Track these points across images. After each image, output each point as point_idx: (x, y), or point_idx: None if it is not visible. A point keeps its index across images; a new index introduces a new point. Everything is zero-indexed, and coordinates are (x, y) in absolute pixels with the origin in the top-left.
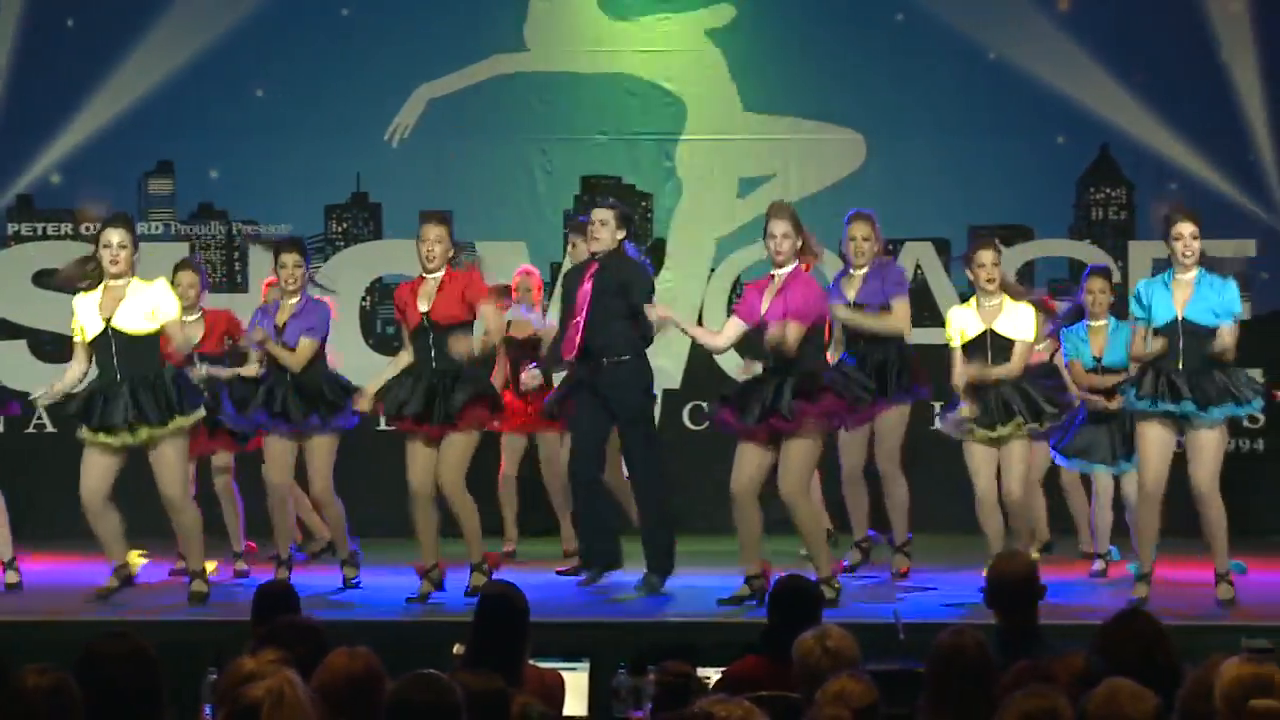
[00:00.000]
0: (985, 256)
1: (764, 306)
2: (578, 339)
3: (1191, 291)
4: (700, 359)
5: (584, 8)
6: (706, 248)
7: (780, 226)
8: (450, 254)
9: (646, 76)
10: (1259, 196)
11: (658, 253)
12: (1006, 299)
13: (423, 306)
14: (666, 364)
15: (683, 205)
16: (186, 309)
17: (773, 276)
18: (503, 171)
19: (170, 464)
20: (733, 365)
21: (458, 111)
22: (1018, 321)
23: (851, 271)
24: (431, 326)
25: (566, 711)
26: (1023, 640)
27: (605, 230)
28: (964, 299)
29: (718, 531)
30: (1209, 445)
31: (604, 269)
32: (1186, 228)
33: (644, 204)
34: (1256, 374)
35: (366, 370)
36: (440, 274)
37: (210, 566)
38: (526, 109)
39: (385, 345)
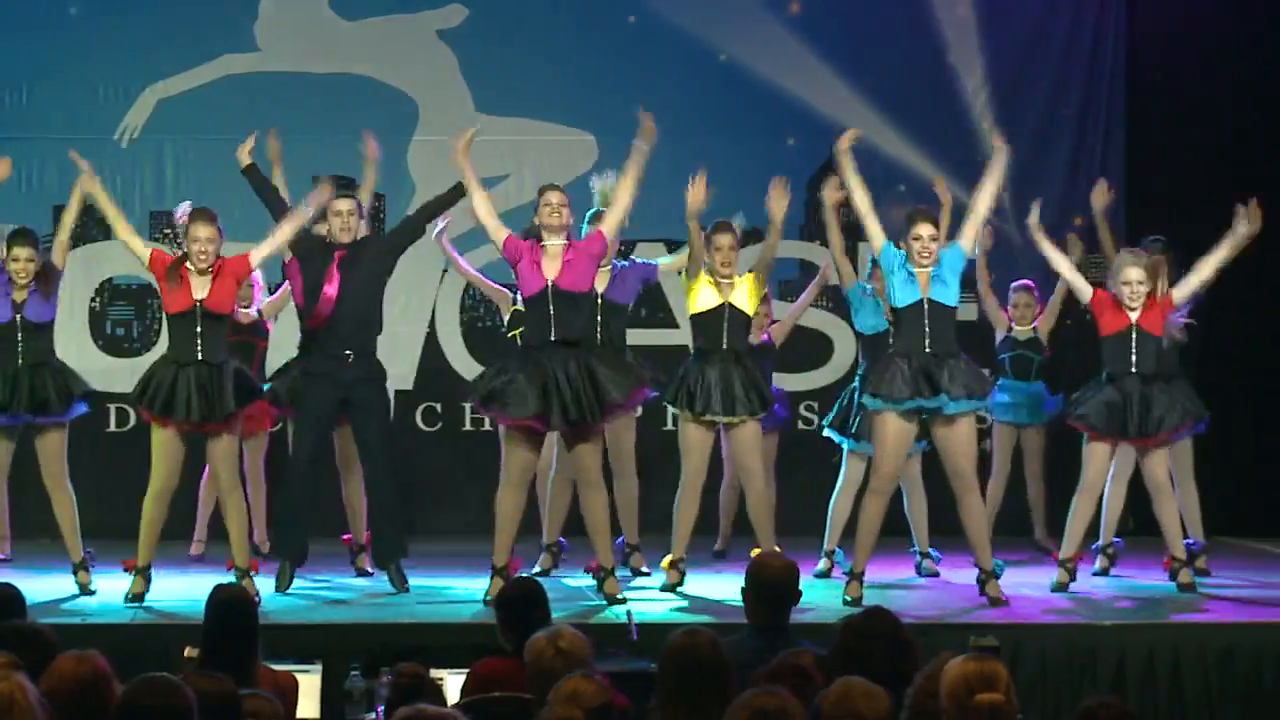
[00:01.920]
0: (723, 240)
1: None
2: (324, 327)
3: (930, 276)
4: (433, 360)
5: (315, 8)
6: (439, 248)
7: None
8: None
9: (378, 77)
10: None
11: None
12: (736, 275)
13: (199, 293)
14: (399, 366)
15: (415, 205)
16: None
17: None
18: (234, 171)
19: None
20: (465, 365)
21: (188, 111)
22: (750, 294)
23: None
24: (202, 314)
25: (299, 714)
26: (774, 640)
27: (354, 220)
28: None
29: (449, 533)
30: (965, 434)
31: (353, 257)
32: (925, 229)
33: (376, 204)
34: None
35: (95, 372)
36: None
37: None
38: (258, 109)
39: (114, 346)
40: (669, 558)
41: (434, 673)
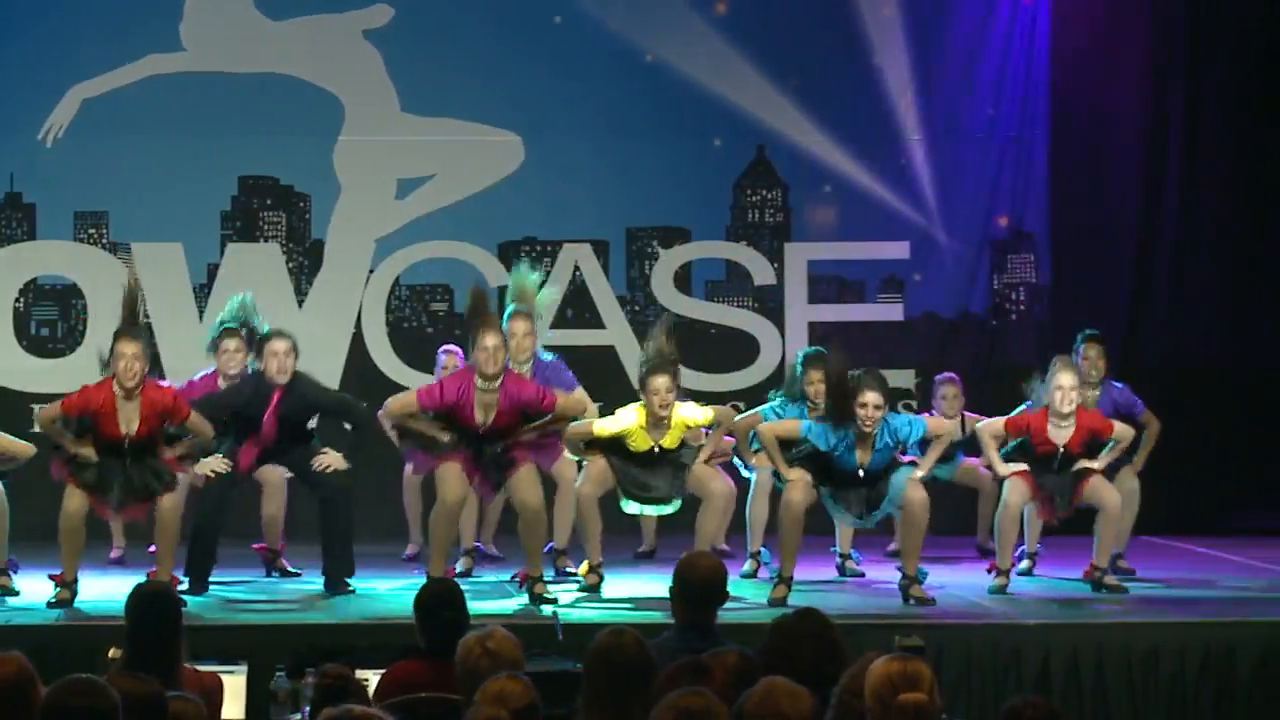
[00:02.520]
0: (659, 383)
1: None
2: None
3: (872, 448)
4: (359, 361)
5: (240, 8)
6: (365, 249)
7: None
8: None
9: (304, 76)
10: (911, 198)
11: (316, 254)
12: (676, 412)
13: (125, 429)
14: (325, 367)
15: (341, 206)
16: None
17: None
18: (159, 172)
19: None
20: (392, 366)
21: (114, 111)
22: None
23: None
24: (130, 448)
25: (225, 715)
26: (700, 639)
27: (290, 360)
28: (622, 301)
29: (374, 534)
30: (919, 494)
31: (288, 397)
32: (872, 396)
33: (302, 204)
34: (909, 374)
35: (19, 374)
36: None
37: None
38: (183, 109)
39: (39, 347)
40: (585, 564)
41: (359, 673)
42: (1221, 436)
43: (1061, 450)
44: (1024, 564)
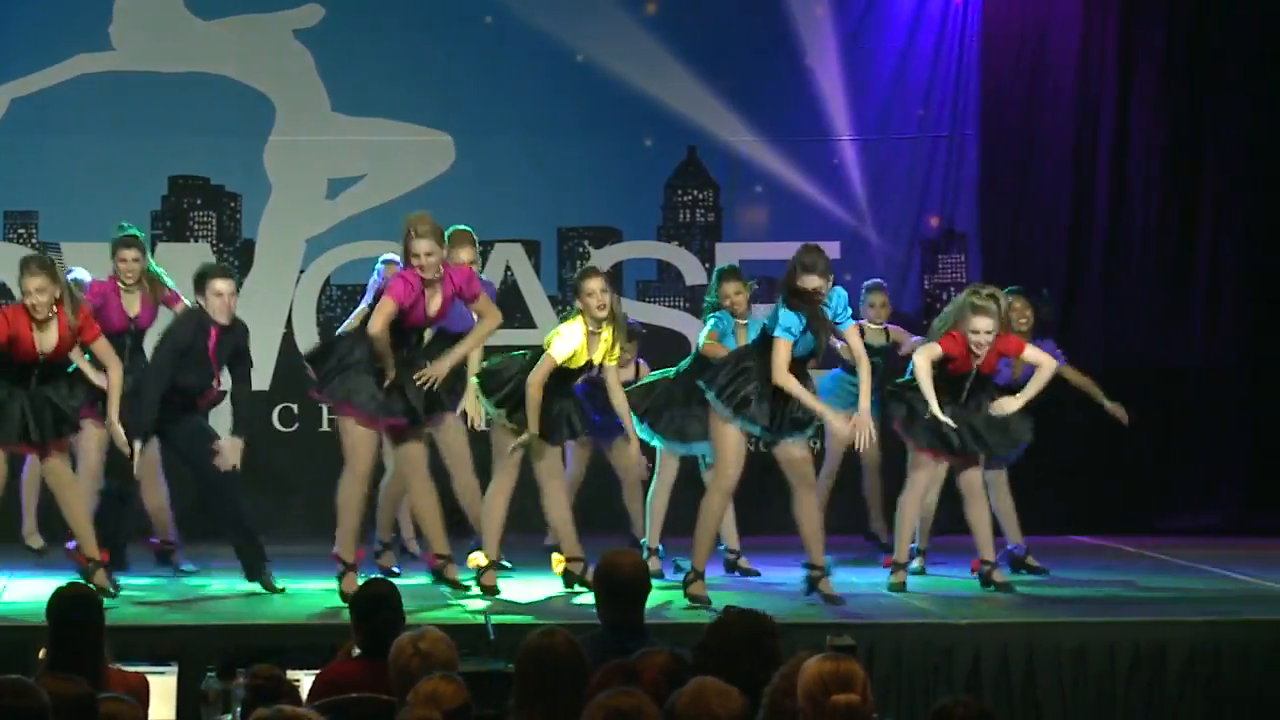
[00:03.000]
0: (594, 285)
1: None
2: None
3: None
4: (290, 360)
5: (170, 7)
6: (296, 248)
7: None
8: (58, 298)
9: (235, 76)
10: (842, 198)
11: (246, 254)
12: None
13: (43, 347)
14: (256, 364)
15: (272, 206)
16: None
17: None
18: (89, 171)
19: None
20: None
21: (43, 110)
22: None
23: None
24: (43, 366)
25: (153, 716)
26: (628, 638)
27: (234, 300)
28: (554, 301)
29: (305, 534)
30: (802, 453)
31: (225, 337)
32: (818, 281)
33: (233, 204)
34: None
35: None
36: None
37: None
38: (113, 108)
39: None
40: (481, 555)
41: (290, 673)
42: (1152, 437)
43: (974, 373)
44: (916, 562)
